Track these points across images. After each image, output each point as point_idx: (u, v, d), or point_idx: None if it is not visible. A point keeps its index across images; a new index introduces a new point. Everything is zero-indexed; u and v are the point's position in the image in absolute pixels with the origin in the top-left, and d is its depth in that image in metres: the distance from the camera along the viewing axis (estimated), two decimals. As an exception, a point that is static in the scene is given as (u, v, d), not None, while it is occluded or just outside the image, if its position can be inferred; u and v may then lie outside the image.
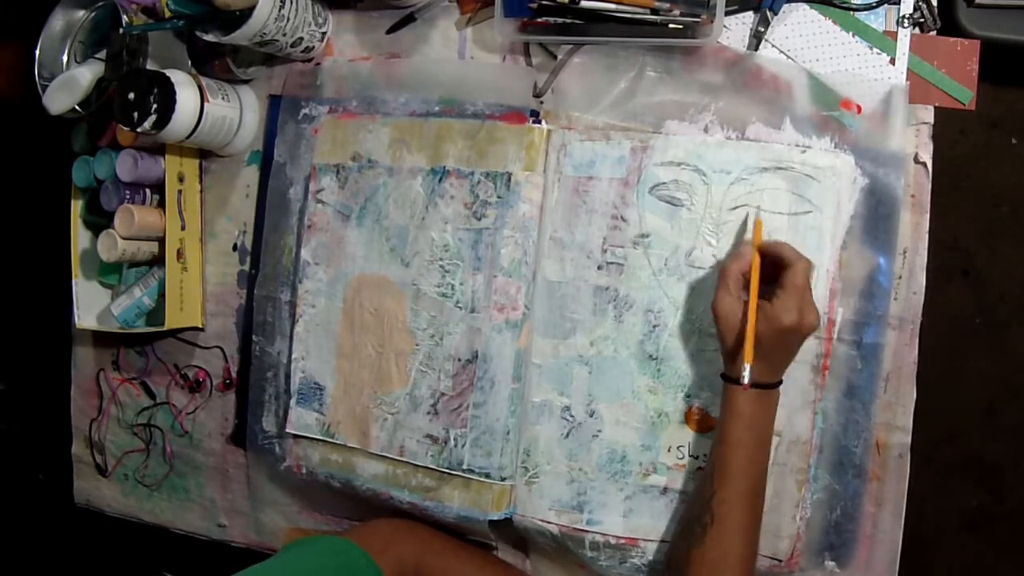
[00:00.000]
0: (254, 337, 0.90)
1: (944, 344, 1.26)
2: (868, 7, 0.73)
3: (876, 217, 0.71)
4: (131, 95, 0.80)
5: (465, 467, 0.77)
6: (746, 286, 0.66)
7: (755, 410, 0.65)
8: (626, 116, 0.77)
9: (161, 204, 0.91)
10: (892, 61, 0.72)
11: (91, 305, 0.97)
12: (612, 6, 0.73)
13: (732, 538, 0.64)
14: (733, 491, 0.65)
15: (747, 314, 0.64)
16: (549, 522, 0.77)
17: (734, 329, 0.66)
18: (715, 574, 0.64)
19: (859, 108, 0.72)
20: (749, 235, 0.71)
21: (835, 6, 0.73)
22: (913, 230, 0.72)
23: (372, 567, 0.69)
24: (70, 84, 0.88)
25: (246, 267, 0.93)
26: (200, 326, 0.95)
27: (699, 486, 0.69)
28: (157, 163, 0.90)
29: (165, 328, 0.90)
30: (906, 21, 0.72)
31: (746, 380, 0.63)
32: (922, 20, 0.72)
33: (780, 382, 0.67)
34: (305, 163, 0.87)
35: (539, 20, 0.76)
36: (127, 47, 0.87)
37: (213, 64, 0.88)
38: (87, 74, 0.89)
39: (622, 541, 0.75)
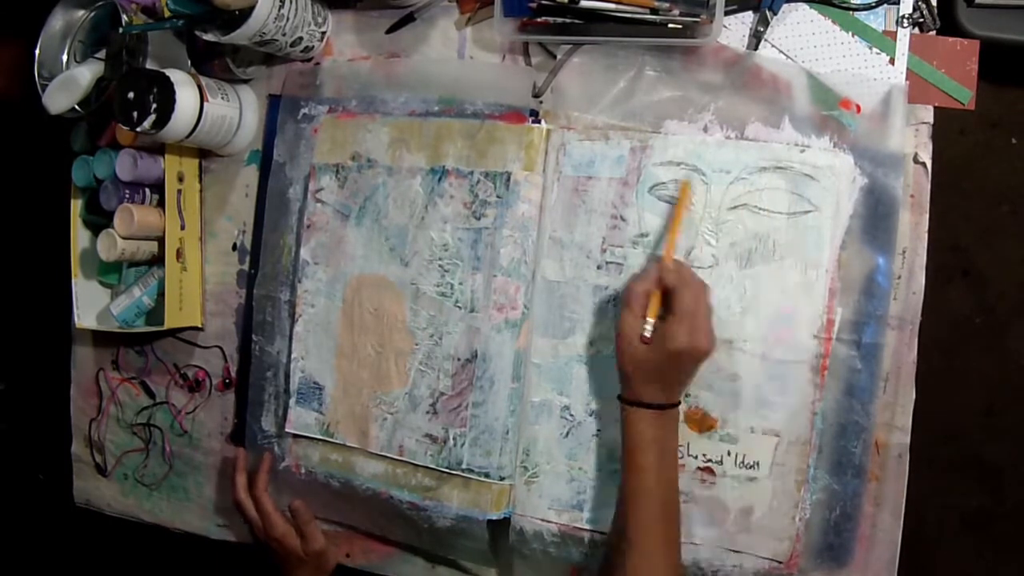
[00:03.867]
0: (253, 337, 0.90)
1: (944, 344, 1.26)
2: (867, 7, 0.73)
3: (875, 217, 0.71)
4: (131, 95, 0.80)
5: (464, 467, 0.77)
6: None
7: (655, 431, 0.66)
8: (625, 116, 0.77)
9: (161, 204, 0.91)
10: (891, 61, 0.72)
11: (91, 305, 0.97)
12: (612, 6, 0.73)
13: (652, 558, 0.65)
14: (646, 514, 0.65)
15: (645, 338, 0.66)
16: (548, 521, 0.77)
17: (633, 351, 0.66)
18: None
19: (858, 108, 0.72)
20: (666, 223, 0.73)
21: (835, 6, 0.73)
22: (912, 230, 0.72)
23: None
24: (70, 84, 0.88)
25: (245, 267, 0.93)
26: (199, 326, 0.95)
27: (614, 514, 0.70)
28: (157, 163, 0.90)
29: (164, 328, 0.90)
30: (905, 21, 0.72)
31: (648, 331, 0.65)
32: (921, 20, 0.72)
33: (678, 403, 0.68)
34: (304, 163, 0.87)
35: (539, 20, 0.76)
36: (127, 47, 0.87)
37: (213, 64, 0.88)
38: (87, 74, 0.89)
39: (621, 541, 0.75)
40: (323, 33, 0.87)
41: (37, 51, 0.92)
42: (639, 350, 0.66)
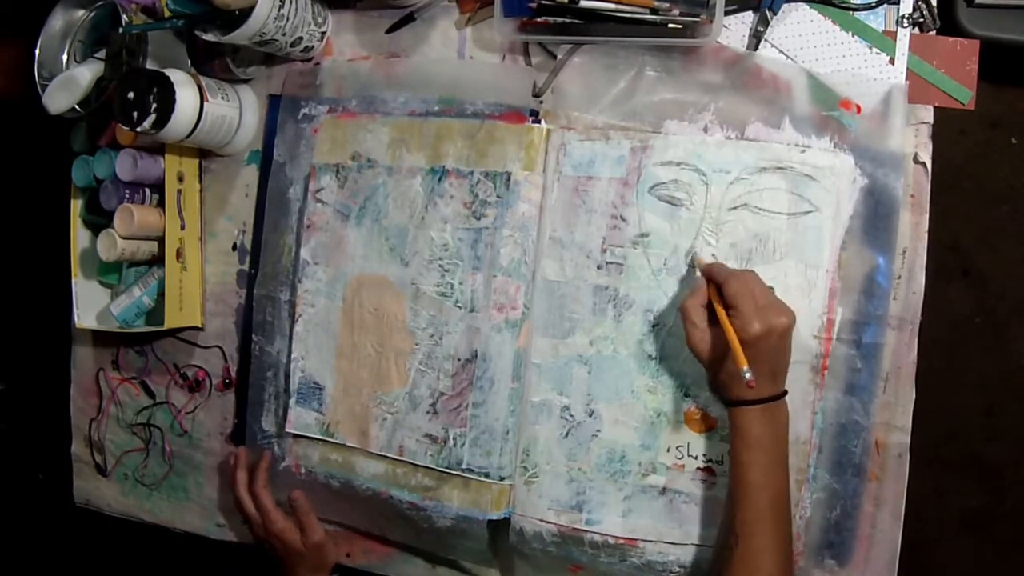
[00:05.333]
0: (253, 337, 0.90)
1: (944, 344, 1.26)
2: (868, 7, 0.73)
3: (875, 217, 0.71)
4: (130, 95, 0.80)
5: (464, 467, 0.77)
6: (710, 316, 0.67)
7: (761, 428, 0.65)
8: (625, 116, 0.77)
9: (161, 204, 0.91)
10: (891, 61, 0.72)
11: (91, 305, 0.97)
12: (612, 6, 0.73)
13: (759, 557, 0.63)
14: (753, 511, 0.64)
15: (723, 332, 0.64)
16: (548, 522, 0.77)
17: (717, 355, 0.66)
18: None
19: (858, 108, 0.72)
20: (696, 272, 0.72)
21: (835, 6, 0.73)
22: (913, 230, 0.72)
23: None
24: (70, 84, 0.88)
25: (246, 267, 0.93)
26: (199, 326, 0.95)
27: (724, 510, 0.69)
28: (157, 163, 0.90)
29: (164, 328, 0.90)
30: (905, 21, 0.72)
31: (748, 377, 0.61)
32: (921, 20, 0.72)
33: (784, 393, 0.66)
34: (305, 163, 0.87)
35: (539, 20, 0.76)
36: (127, 47, 0.87)
37: (213, 64, 0.88)
38: (87, 74, 0.89)
39: (621, 541, 0.75)
40: (323, 33, 0.87)
41: (37, 51, 0.92)
42: (724, 355, 0.65)
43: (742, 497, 0.65)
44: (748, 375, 0.61)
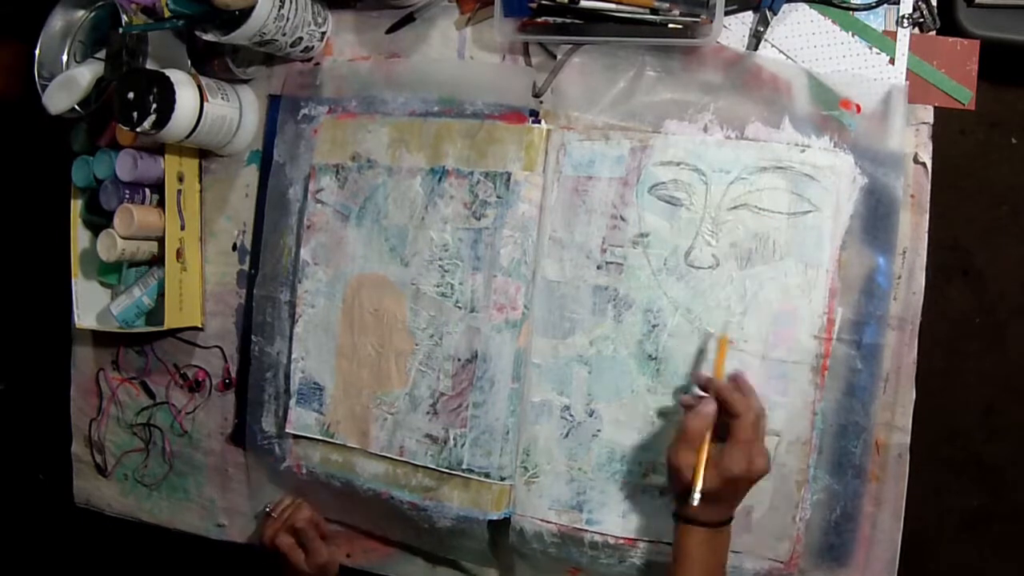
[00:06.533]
0: (253, 337, 0.90)
1: (944, 344, 1.26)
2: (868, 7, 0.73)
3: (876, 217, 0.71)
4: (130, 95, 0.80)
5: (465, 467, 0.77)
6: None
7: (704, 550, 0.65)
8: (625, 116, 0.77)
9: (161, 204, 0.91)
10: (891, 61, 0.72)
11: (91, 305, 0.97)
12: (612, 6, 0.73)
13: None
14: None
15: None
16: (548, 521, 0.77)
17: (688, 478, 0.65)
18: None
19: (858, 108, 0.72)
20: (709, 368, 0.72)
21: (835, 6, 0.73)
22: (913, 230, 0.72)
23: None
24: (70, 84, 0.88)
25: (246, 267, 0.93)
26: (199, 326, 0.95)
27: None
28: (157, 163, 0.90)
29: (164, 328, 0.90)
30: (905, 21, 0.72)
31: (695, 502, 0.63)
32: (921, 20, 0.72)
33: (730, 519, 0.67)
34: (305, 163, 0.87)
35: (539, 20, 0.76)
36: (127, 47, 0.87)
37: (213, 64, 0.88)
38: (87, 74, 0.89)
39: (621, 541, 0.75)
40: (323, 33, 0.87)
41: (37, 51, 0.92)
42: (692, 473, 0.65)
43: None
44: (696, 499, 0.63)
